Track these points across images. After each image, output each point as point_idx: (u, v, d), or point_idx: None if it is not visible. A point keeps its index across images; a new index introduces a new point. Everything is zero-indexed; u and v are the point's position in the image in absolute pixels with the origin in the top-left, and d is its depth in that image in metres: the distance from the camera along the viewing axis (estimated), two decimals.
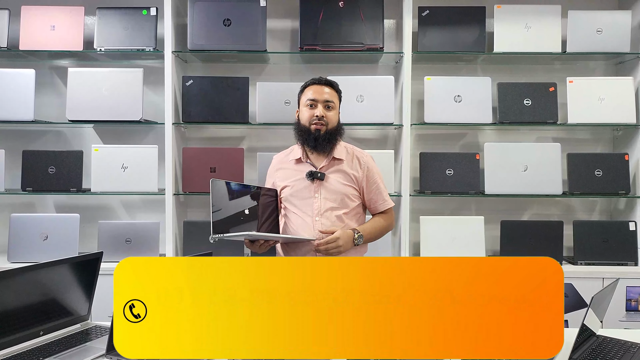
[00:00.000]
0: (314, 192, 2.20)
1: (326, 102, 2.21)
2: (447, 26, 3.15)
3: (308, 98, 2.22)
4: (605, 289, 1.74)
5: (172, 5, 3.09)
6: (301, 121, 2.24)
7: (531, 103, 3.12)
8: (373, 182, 2.26)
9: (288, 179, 2.25)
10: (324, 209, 2.18)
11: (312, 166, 2.23)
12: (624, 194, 3.13)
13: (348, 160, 2.26)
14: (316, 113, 2.19)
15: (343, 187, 2.21)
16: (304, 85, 2.29)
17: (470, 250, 3.08)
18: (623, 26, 3.10)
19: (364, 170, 2.26)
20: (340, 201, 2.19)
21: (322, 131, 2.18)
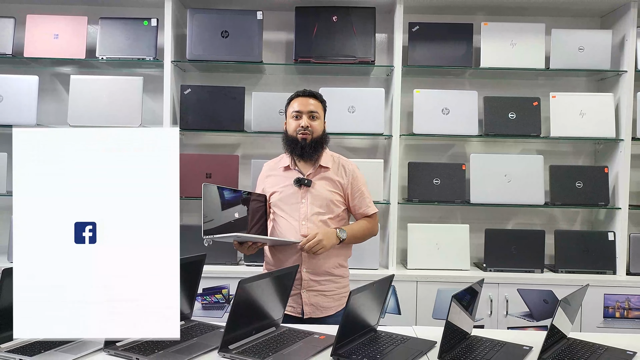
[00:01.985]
0: (300, 198, 2.30)
1: (310, 112, 2.32)
2: (436, 41, 3.28)
3: (294, 110, 2.34)
4: (574, 293, 1.85)
5: (172, 16, 3.21)
6: (288, 132, 2.35)
7: (516, 116, 3.25)
8: (357, 189, 2.36)
9: (277, 185, 2.36)
10: (310, 214, 2.28)
11: (300, 173, 2.34)
12: (603, 205, 3.25)
13: (334, 168, 2.36)
14: (301, 123, 2.30)
15: (329, 193, 2.31)
16: (290, 97, 2.40)
17: (455, 257, 3.19)
18: (604, 45, 3.24)
19: (349, 177, 2.35)
20: (326, 206, 2.30)
21: (307, 140, 2.30)
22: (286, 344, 1.80)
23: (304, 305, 2.27)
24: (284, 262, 2.30)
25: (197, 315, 2.85)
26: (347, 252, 2.38)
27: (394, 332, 1.97)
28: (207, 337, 1.86)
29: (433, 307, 3.06)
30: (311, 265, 2.27)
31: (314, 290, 2.28)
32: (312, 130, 2.31)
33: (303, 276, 2.27)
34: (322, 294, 2.29)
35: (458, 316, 1.79)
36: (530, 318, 3.05)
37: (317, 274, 2.28)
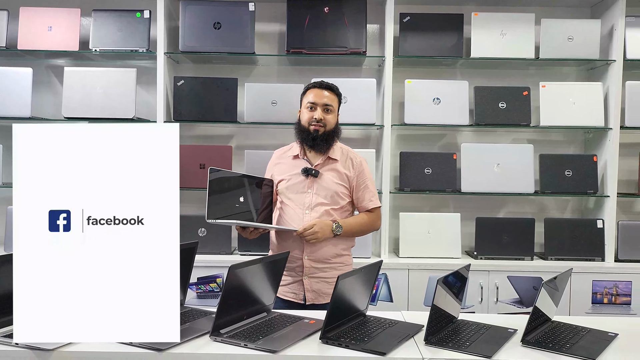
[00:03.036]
0: (307, 188, 2.35)
1: (325, 105, 2.35)
2: (427, 32, 3.30)
3: (309, 101, 2.36)
4: (558, 276, 1.89)
5: (165, 8, 3.23)
6: (301, 121, 2.38)
7: (506, 106, 3.28)
8: (362, 182, 2.39)
9: (285, 173, 2.39)
10: (315, 204, 2.32)
11: (309, 163, 2.38)
12: (592, 193, 3.30)
13: (342, 160, 2.39)
14: (315, 116, 2.33)
15: (335, 185, 2.34)
16: (306, 87, 2.43)
17: (446, 245, 3.24)
18: (593, 34, 3.27)
19: (356, 170, 2.39)
20: (331, 198, 2.34)
21: (320, 132, 2.33)
22: (276, 328, 1.84)
23: (306, 291, 2.32)
24: (287, 248, 2.32)
25: (191, 303, 2.90)
26: (349, 241, 2.42)
27: (382, 316, 2.01)
28: (200, 322, 1.90)
29: (424, 295, 3.10)
30: (312, 252, 2.31)
31: (316, 277, 2.32)
32: (325, 123, 2.34)
33: (305, 263, 2.31)
34: (324, 280, 2.32)
35: (444, 300, 1.83)
36: (520, 304, 3.10)
37: (318, 261, 2.32)
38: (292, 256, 2.30)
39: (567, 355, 1.67)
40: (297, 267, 2.32)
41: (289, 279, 2.34)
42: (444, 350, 1.69)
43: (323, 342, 1.72)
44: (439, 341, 1.74)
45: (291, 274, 2.34)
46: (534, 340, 1.76)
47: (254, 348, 1.65)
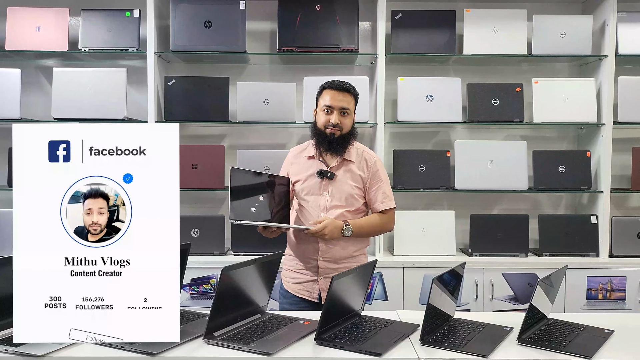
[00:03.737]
0: (322, 190, 2.33)
1: (342, 109, 2.31)
2: (419, 29, 3.29)
3: (325, 104, 2.31)
4: (553, 273, 1.88)
5: (155, 7, 3.20)
6: (317, 124, 2.35)
7: (499, 102, 3.28)
8: (376, 182, 2.37)
9: (300, 174, 2.38)
10: (330, 206, 2.31)
11: (324, 164, 2.35)
12: (585, 189, 3.30)
13: (357, 162, 2.36)
14: (331, 120, 2.29)
15: (350, 187, 2.33)
16: (322, 87, 2.36)
17: (441, 243, 3.22)
18: (585, 30, 3.26)
19: (371, 171, 2.37)
20: (346, 200, 2.32)
21: (336, 135, 2.30)
22: (271, 330, 1.82)
23: (321, 291, 2.32)
24: (304, 249, 2.35)
25: (185, 305, 2.88)
26: (362, 242, 2.40)
27: (377, 316, 2.00)
28: (193, 324, 1.88)
29: (420, 293, 3.09)
30: (327, 253, 2.31)
31: (330, 277, 2.30)
32: (342, 127, 2.31)
33: (319, 264, 2.31)
34: None
35: (439, 299, 1.82)
36: (515, 301, 3.10)
37: (332, 262, 2.32)
38: (307, 256, 2.33)
39: (564, 353, 1.66)
40: (312, 267, 2.33)
41: (304, 278, 2.35)
42: (440, 350, 1.68)
43: (318, 343, 1.70)
44: (434, 341, 1.73)
45: (306, 274, 2.35)
46: (530, 339, 1.75)
47: (248, 351, 1.63)
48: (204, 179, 3.22)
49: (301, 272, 2.36)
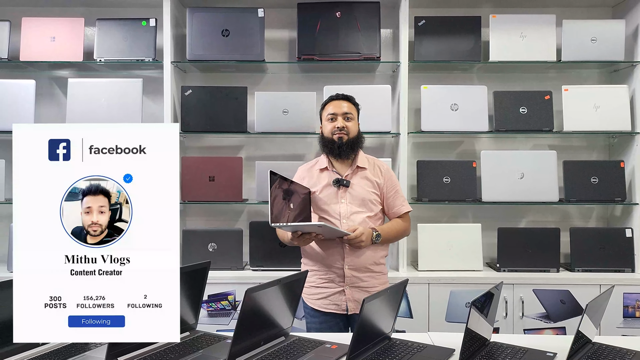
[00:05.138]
0: (339, 198, 2.35)
1: (345, 114, 2.38)
2: (443, 36, 3.18)
3: (328, 113, 2.40)
4: (600, 296, 1.75)
5: (171, 16, 3.12)
6: (324, 134, 2.42)
7: (527, 111, 3.15)
8: (392, 187, 2.42)
9: (315, 186, 2.39)
10: (350, 213, 2.33)
11: (337, 174, 2.38)
12: (619, 201, 3.15)
13: (370, 168, 2.41)
14: (337, 125, 2.36)
15: (367, 192, 2.36)
16: (324, 102, 2.47)
17: (467, 257, 3.09)
18: (617, 35, 3.13)
19: (385, 177, 2.42)
20: (364, 205, 2.34)
21: (344, 140, 2.35)
22: (296, 354, 1.71)
23: (348, 302, 2.31)
24: (326, 257, 2.32)
25: (202, 322, 2.78)
26: (385, 249, 2.42)
27: (409, 339, 1.88)
28: (214, 348, 1.78)
29: (446, 310, 2.96)
30: (352, 261, 2.30)
31: (357, 287, 2.31)
32: (348, 131, 2.36)
33: (346, 272, 2.30)
34: (365, 290, 2.32)
35: (477, 323, 1.69)
36: (547, 319, 2.95)
37: (358, 270, 2.31)
38: (333, 266, 2.32)
39: None
40: (338, 277, 2.31)
41: (330, 291, 2.33)
42: None
43: None
44: None
45: (331, 285, 2.33)
46: None
47: None
48: (221, 191, 3.12)
49: (325, 286, 2.33)
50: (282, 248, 3.04)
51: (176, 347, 1.77)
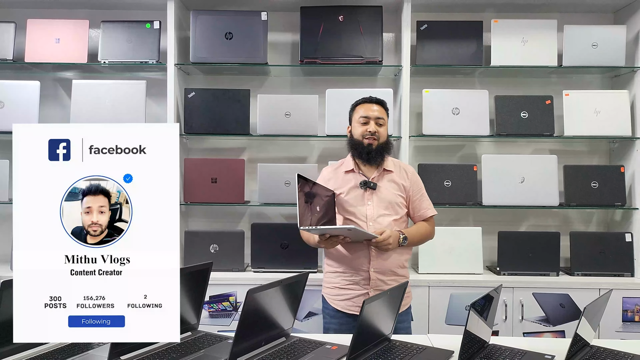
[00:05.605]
0: (366, 200, 2.35)
1: (377, 118, 2.38)
2: (445, 40, 3.20)
3: (361, 115, 2.39)
4: (598, 300, 1.77)
5: (175, 18, 3.15)
6: (354, 136, 2.40)
7: (528, 115, 3.17)
8: (418, 190, 2.44)
9: (342, 188, 2.39)
10: (377, 215, 2.33)
11: (364, 177, 2.38)
12: (620, 206, 3.16)
13: (396, 171, 2.42)
14: (369, 129, 2.36)
15: (394, 195, 2.37)
16: (356, 103, 2.46)
17: (468, 260, 3.11)
18: (618, 40, 3.15)
19: (411, 180, 2.43)
20: (391, 208, 2.35)
21: (374, 145, 2.35)
22: (297, 355, 1.73)
23: None
24: (353, 260, 2.33)
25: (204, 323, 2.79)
26: (409, 253, 2.44)
27: (408, 341, 1.89)
28: (215, 348, 1.79)
29: (446, 313, 2.97)
30: (378, 264, 2.31)
31: (380, 290, 2.31)
32: (379, 136, 2.37)
33: (371, 276, 2.31)
34: None
35: (476, 325, 1.71)
36: (547, 323, 2.96)
37: (383, 273, 2.32)
38: (359, 268, 2.32)
39: None
40: (363, 280, 2.32)
41: (354, 293, 2.34)
42: None
43: None
44: None
45: (356, 287, 2.33)
46: None
47: None
48: (223, 193, 3.14)
49: (349, 288, 2.34)
50: (284, 250, 3.07)
51: (178, 347, 1.78)
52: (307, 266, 3.04)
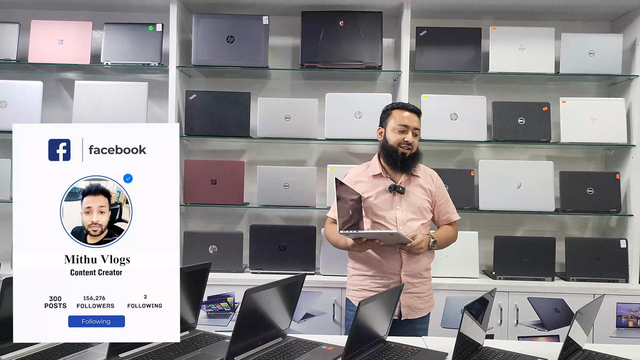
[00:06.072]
0: (395, 204, 2.39)
1: (415, 129, 2.42)
2: (444, 46, 3.24)
3: (400, 123, 2.40)
4: (590, 304, 1.80)
5: (177, 21, 3.18)
6: (389, 141, 2.41)
7: (525, 122, 3.20)
8: (443, 195, 2.50)
9: (368, 192, 2.42)
10: (406, 220, 2.37)
11: (392, 181, 2.41)
12: (615, 212, 3.19)
13: (423, 176, 2.46)
14: (406, 139, 2.39)
15: (421, 200, 2.42)
16: (392, 107, 2.47)
17: (464, 265, 3.14)
18: (615, 49, 3.19)
19: (436, 184, 2.49)
20: (419, 212, 2.40)
21: (407, 154, 2.39)
22: (293, 355, 1.75)
23: (401, 307, 2.35)
24: (385, 264, 2.36)
25: (202, 323, 2.81)
26: (433, 256, 2.50)
27: (403, 343, 1.92)
28: (212, 347, 1.82)
29: (442, 316, 3.00)
30: (409, 267, 2.36)
31: (410, 292, 2.36)
32: (413, 146, 2.41)
33: (402, 279, 2.35)
34: (417, 295, 2.39)
35: (470, 327, 1.74)
36: (542, 327, 2.99)
37: (413, 276, 2.37)
38: (389, 272, 2.36)
39: None
40: (394, 283, 2.36)
41: None
42: None
43: None
44: None
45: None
46: None
47: None
48: (223, 194, 3.17)
49: (379, 291, 2.34)
50: (282, 251, 3.10)
51: (176, 345, 1.81)
52: (305, 268, 3.07)
